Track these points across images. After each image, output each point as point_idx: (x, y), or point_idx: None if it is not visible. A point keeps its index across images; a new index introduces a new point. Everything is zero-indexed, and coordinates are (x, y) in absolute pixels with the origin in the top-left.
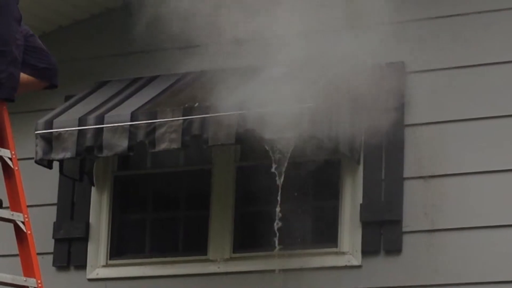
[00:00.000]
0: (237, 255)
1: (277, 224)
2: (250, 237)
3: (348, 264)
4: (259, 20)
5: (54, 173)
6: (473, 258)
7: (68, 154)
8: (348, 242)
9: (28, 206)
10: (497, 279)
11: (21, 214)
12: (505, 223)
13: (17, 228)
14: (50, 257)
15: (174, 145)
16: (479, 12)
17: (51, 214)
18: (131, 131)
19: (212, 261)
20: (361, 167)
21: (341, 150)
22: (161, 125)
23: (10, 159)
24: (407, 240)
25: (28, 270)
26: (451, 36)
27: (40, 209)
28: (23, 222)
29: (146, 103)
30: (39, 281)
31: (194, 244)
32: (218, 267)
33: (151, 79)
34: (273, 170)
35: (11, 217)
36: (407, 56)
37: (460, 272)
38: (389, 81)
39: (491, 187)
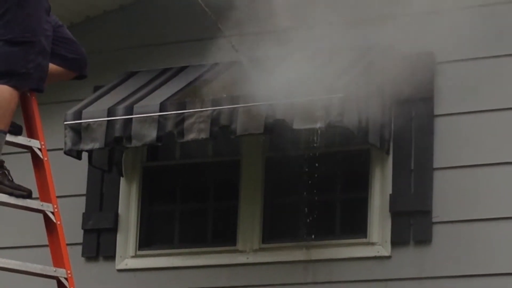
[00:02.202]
0: (266, 245)
1: (306, 215)
2: (279, 227)
3: (377, 254)
4: (290, 11)
5: (83, 164)
6: (504, 249)
7: (97, 145)
8: (378, 233)
9: (57, 196)
10: None
11: (50, 205)
12: None
13: (46, 218)
14: (79, 247)
15: (203, 135)
16: (510, 2)
17: (80, 204)
18: (160, 122)
19: (241, 251)
20: (390, 157)
21: (370, 140)
22: (190, 115)
23: (40, 149)
24: (437, 230)
25: (58, 261)
26: (482, 26)
27: (69, 199)
28: (52, 213)
29: (175, 93)
30: (68, 272)
31: (223, 235)
32: (247, 258)
33: (180, 70)
34: (301, 161)
35: (40, 208)
36: (437, 45)
37: (490, 263)
38: (419, 71)
39: None
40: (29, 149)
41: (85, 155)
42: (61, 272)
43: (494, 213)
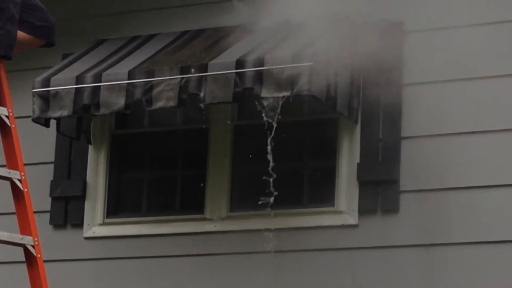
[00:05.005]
0: (234, 214)
1: (274, 184)
2: (247, 196)
3: (344, 223)
4: None
5: (51, 132)
6: (471, 217)
7: (65, 112)
8: (345, 202)
9: (25, 164)
10: (496, 239)
11: (18, 172)
12: (506, 183)
13: (14, 186)
14: (47, 215)
15: (171, 103)
16: None
17: (48, 172)
18: (129, 89)
19: (208, 219)
20: (358, 127)
21: (338, 109)
22: (158, 83)
23: (7, 117)
24: (404, 199)
25: (25, 228)
26: None
27: (37, 167)
28: (19, 180)
29: (143, 61)
30: (35, 239)
31: (191, 203)
32: (215, 226)
33: (149, 38)
34: (269, 129)
35: (7, 175)
36: (407, 15)
37: (457, 232)
38: (387, 40)
39: (491, 147)
40: None
41: (53, 123)
42: (28, 240)
43: (461, 182)
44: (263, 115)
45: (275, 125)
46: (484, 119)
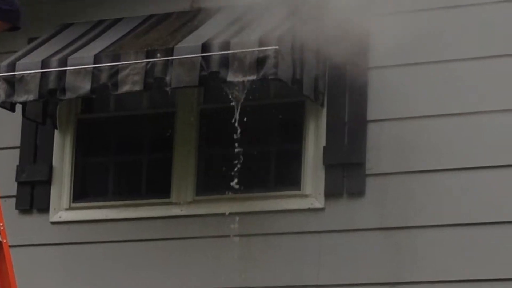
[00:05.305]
0: (200, 197)
1: (240, 167)
2: (213, 180)
3: (311, 206)
4: None
5: (17, 116)
6: (436, 201)
7: (31, 97)
8: (311, 185)
9: None
10: (462, 221)
11: None
12: (474, 165)
13: None
14: (13, 200)
15: (137, 87)
16: None
17: (14, 157)
18: (94, 74)
19: (175, 204)
20: (324, 110)
21: (304, 92)
22: (124, 67)
23: None
24: (370, 182)
25: None
26: None
27: (3, 152)
28: None
29: (109, 45)
30: (1, 224)
31: (157, 187)
32: (181, 210)
33: (115, 22)
34: (236, 113)
35: None
36: None
37: (423, 215)
38: (354, 24)
39: (457, 130)
40: None
41: (19, 107)
42: None
43: (427, 165)
44: (230, 98)
45: (239, 110)
46: (449, 102)
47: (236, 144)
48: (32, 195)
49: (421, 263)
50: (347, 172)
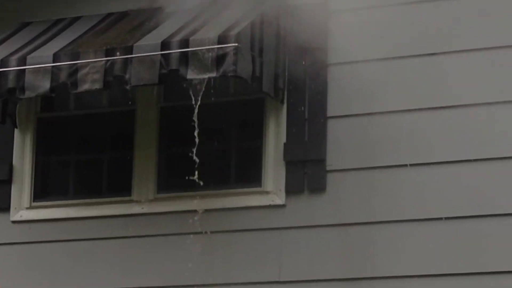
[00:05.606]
0: (161, 195)
1: (200, 165)
2: (174, 178)
3: (272, 203)
4: None
5: None
6: (397, 196)
7: None
8: (272, 182)
9: None
10: (423, 217)
11: None
12: (434, 161)
13: None
14: None
15: (96, 86)
16: None
17: None
18: (54, 72)
19: (136, 202)
20: (284, 107)
21: (264, 89)
22: (84, 66)
23: None
24: (330, 179)
25: None
26: None
27: None
28: None
29: (68, 44)
30: None
31: (118, 186)
32: (142, 208)
33: (74, 20)
34: (194, 110)
35: None
36: None
37: (384, 210)
38: (312, 20)
39: (418, 125)
40: None
41: None
42: None
43: (387, 161)
44: (190, 96)
45: (197, 107)
46: (408, 98)
47: (197, 142)
48: None
49: (382, 259)
50: (307, 168)
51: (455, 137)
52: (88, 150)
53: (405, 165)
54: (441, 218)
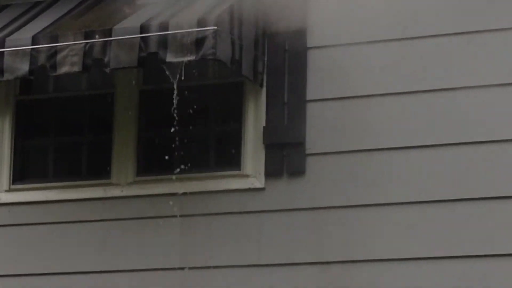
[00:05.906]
0: (140, 178)
1: (180, 148)
2: (153, 161)
3: (251, 186)
4: None
5: None
6: (375, 180)
7: None
8: (251, 165)
9: None
10: (405, 200)
11: None
12: (415, 144)
13: None
14: None
15: (75, 68)
16: None
17: None
18: (32, 55)
19: (115, 185)
20: (264, 90)
21: (243, 72)
22: (63, 48)
23: None
24: (310, 162)
25: None
26: None
27: None
28: None
29: (47, 26)
30: None
31: (98, 168)
32: (122, 191)
33: (53, 3)
34: (173, 93)
35: None
36: None
37: (362, 194)
38: (292, 3)
39: (397, 109)
40: None
41: None
42: None
43: (367, 144)
44: (169, 79)
45: (176, 90)
46: (389, 81)
47: (176, 125)
48: None
49: (360, 243)
50: (287, 151)
51: (435, 121)
52: (67, 133)
53: (385, 149)
54: (419, 202)
